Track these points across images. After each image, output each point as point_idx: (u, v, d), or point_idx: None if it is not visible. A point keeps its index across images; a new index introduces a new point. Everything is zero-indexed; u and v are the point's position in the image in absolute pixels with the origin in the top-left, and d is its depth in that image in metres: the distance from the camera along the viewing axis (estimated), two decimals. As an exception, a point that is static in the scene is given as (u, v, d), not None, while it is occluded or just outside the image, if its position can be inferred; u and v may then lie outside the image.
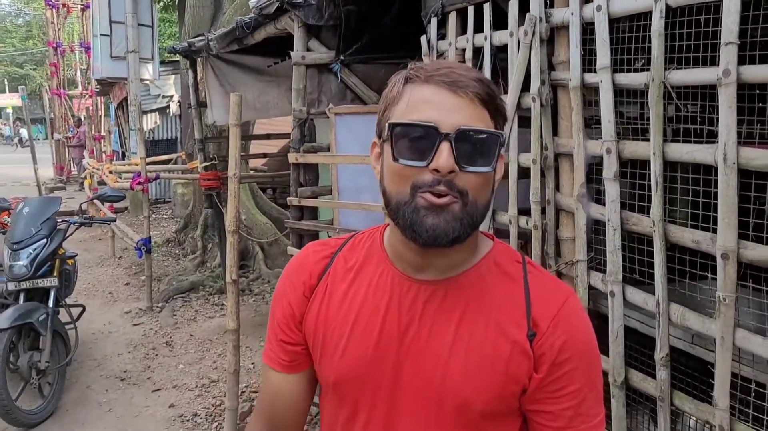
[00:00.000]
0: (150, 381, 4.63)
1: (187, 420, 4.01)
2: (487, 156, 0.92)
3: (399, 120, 0.93)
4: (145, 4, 8.78)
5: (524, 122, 2.50)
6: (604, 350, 2.22)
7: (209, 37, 4.83)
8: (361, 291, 1.04)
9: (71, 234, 4.67)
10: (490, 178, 0.95)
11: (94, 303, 6.44)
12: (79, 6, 15.90)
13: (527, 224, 2.51)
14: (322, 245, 1.14)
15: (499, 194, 2.62)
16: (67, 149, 17.14)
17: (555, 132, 2.40)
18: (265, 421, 1.16)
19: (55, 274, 4.31)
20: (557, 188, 2.41)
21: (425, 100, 0.92)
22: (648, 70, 1.96)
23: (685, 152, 1.87)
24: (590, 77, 2.18)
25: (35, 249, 4.16)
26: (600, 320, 2.24)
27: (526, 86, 2.44)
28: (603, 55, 2.10)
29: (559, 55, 2.36)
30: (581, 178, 2.25)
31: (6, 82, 41.95)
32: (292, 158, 3.71)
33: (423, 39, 3.01)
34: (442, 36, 2.94)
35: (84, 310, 4.94)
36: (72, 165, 17.12)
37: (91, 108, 15.11)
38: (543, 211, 2.46)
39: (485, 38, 2.61)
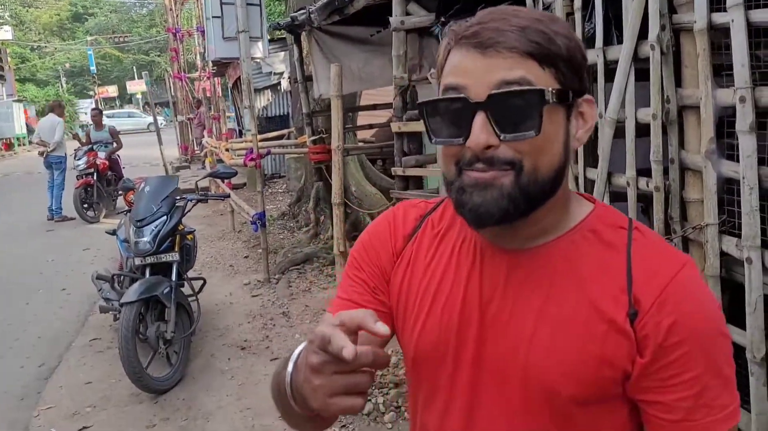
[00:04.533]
0: (268, 350, 4.78)
1: (303, 389, 4.11)
2: (531, 118, 0.79)
3: (430, 97, 0.85)
4: (252, -16, 9.00)
5: (641, 74, 2.27)
6: (742, 323, 2.00)
7: (310, 10, 4.83)
8: (444, 259, 0.95)
9: (189, 211, 4.85)
10: (546, 139, 0.81)
11: (217, 276, 6.74)
12: (194, -9, 16.59)
13: (648, 186, 2.29)
14: (412, 207, 1.05)
15: (616, 154, 2.44)
16: (190, 130, 18.11)
17: (678, 83, 2.17)
18: None
19: (176, 249, 4.50)
20: (681, 144, 2.18)
21: (455, 69, 0.82)
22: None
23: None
24: (719, 17, 1.93)
25: (157, 226, 4.36)
26: (735, 290, 2.02)
27: (642, 34, 2.21)
28: (734, -9, 1.85)
29: (681, -5, 2.11)
30: (710, 132, 2.01)
31: (135, 69, 44.94)
32: (394, 126, 3.64)
33: (527, -9, 2.82)
34: (548, -14, 2.73)
35: (205, 283, 5.15)
36: (195, 145, 18.08)
37: (208, 89, 15.79)
38: (665, 171, 2.24)
39: (595, -16, 2.39)
